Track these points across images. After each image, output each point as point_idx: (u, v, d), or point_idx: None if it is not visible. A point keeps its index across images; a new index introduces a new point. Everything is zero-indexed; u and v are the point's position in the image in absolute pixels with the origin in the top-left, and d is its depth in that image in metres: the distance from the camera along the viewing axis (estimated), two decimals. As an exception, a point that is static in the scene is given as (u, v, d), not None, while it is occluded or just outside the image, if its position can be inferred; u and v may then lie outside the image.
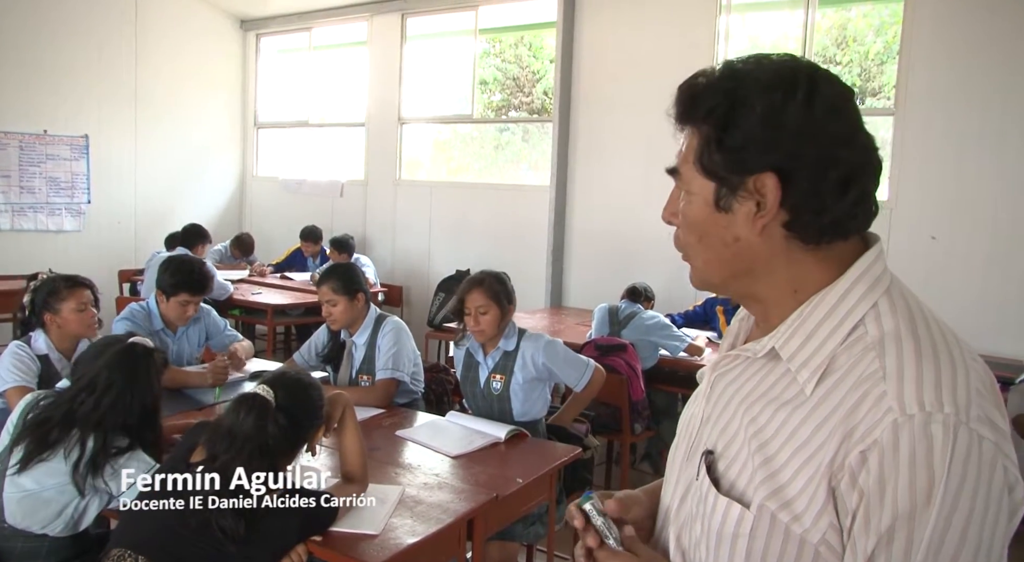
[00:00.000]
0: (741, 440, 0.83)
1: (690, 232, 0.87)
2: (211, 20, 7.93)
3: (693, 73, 0.87)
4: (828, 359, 0.79)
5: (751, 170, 0.81)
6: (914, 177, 4.61)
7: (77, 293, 2.79)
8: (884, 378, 0.74)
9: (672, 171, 0.89)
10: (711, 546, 0.84)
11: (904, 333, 0.77)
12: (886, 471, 0.71)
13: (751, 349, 0.87)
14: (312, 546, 1.85)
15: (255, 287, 6.15)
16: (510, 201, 6.42)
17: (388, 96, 7.17)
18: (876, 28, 5.13)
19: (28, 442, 2.00)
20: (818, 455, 0.76)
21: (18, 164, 6.55)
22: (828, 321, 0.81)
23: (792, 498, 0.77)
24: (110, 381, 2.06)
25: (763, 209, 0.82)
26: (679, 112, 0.86)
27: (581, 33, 5.96)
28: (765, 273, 0.85)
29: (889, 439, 0.71)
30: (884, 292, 0.81)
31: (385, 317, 3.15)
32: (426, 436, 2.59)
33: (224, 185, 8.26)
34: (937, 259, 4.53)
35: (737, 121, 0.81)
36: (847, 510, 0.74)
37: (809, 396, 0.79)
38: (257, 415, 1.80)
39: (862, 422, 0.74)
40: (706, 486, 0.85)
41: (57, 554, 2.03)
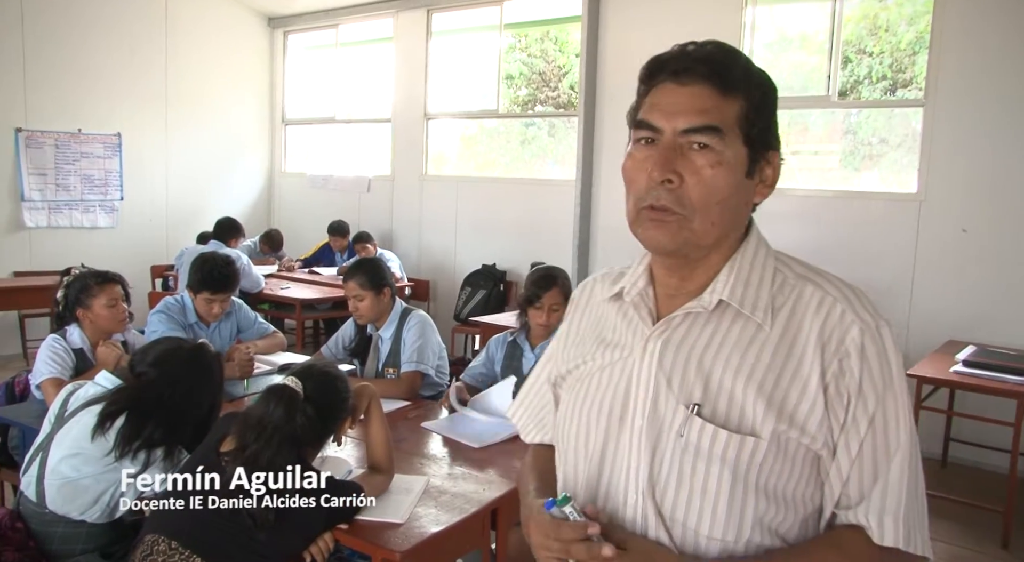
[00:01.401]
0: (725, 383, 0.92)
1: (709, 193, 0.91)
2: (240, 18, 8.03)
3: (706, 41, 0.94)
4: (770, 299, 0.95)
5: (773, 146, 0.96)
6: (944, 169, 4.55)
7: (107, 289, 2.86)
8: (836, 301, 0.93)
9: (708, 129, 0.91)
10: (723, 489, 0.90)
11: (816, 271, 0.98)
12: (864, 369, 0.91)
13: (696, 306, 0.96)
14: (338, 533, 1.89)
15: (284, 282, 6.24)
16: (536, 196, 6.43)
17: (414, 92, 7.21)
18: (909, 18, 5.05)
19: (124, 432, 2.03)
20: (802, 371, 0.91)
21: (54, 162, 6.70)
22: (755, 271, 0.96)
23: (795, 413, 0.90)
24: (186, 379, 2.13)
25: (766, 181, 0.97)
26: (720, 75, 0.92)
27: (606, 27, 5.95)
28: (734, 235, 0.98)
29: (859, 342, 0.91)
30: (772, 248, 1.00)
31: (411, 311, 3.19)
32: (451, 428, 2.62)
33: (252, 181, 8.38)
34: (969, 252, 4.47)
35: (771, 99, 0.95)
36: (839, 412, 0.91)
37: (769, 331, 0.93)
38: (286, 406, 1.84)
39: (834, 335, 0.91)
40: (709, 433, 0.91)
41: (95, 539, 2.09)
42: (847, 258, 4.86)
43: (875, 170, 5.16)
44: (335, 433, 2.05)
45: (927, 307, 4.60)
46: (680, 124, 0.91)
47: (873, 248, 4.79)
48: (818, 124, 5.40)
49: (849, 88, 5.17)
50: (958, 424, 4.40)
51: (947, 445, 4.45)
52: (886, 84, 5.09)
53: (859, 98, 5.14)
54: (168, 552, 1.73)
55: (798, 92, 5.28)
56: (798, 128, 5.47)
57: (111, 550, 2.09)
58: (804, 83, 5.29)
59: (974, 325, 4.41)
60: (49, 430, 2.18)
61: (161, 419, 2.07)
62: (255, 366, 3.18)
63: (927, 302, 4.61)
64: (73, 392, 2.25)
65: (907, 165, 4.85)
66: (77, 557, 2.05)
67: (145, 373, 2.15)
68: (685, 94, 0.92)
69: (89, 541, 2.07)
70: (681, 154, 0.91)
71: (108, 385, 2.21)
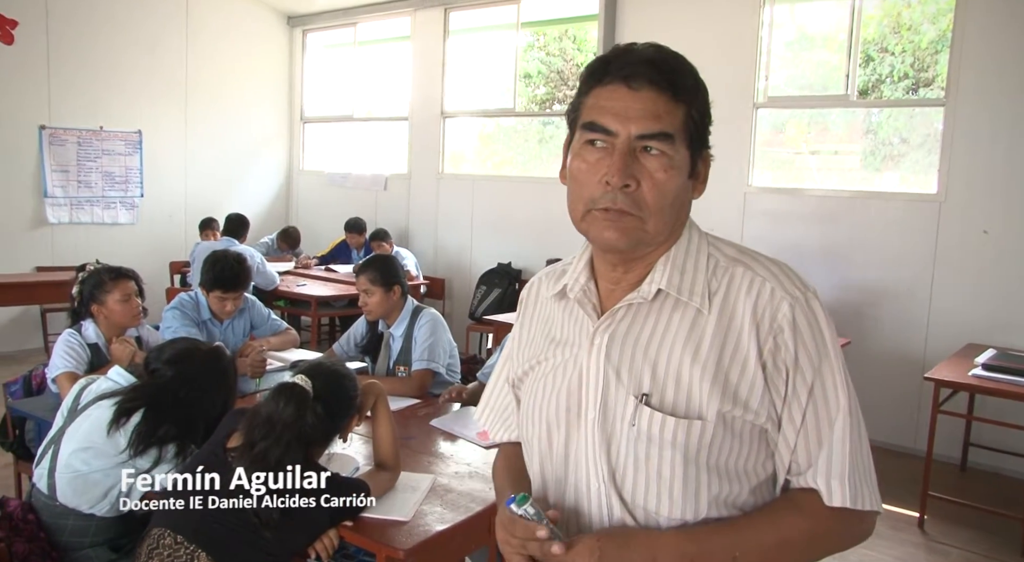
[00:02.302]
0: (671, 369, 0.96)
1: (663, 196, 0.96)
2: (259, 17, 8.09)
3: (647, 44, 0.98)
4: (706, 284, 0.99)
5: (706, 144, 1.01)
6: (965, 170, 4.48)
7: (121, 284, 2.88)
8: (765, 280, 0.97)
9: (662, 135, 0.95)
10: (676, 472, 0.95)
11: (745, 252, 1.02)
12: (798, 342, 0.95)
13: (636, 297, 1.00)
14: (343, 531, 1.89)
15: (300, 279, 6.27)
16: (551, 194, 6.40)
17: (431, 90, 7.23)
18: (931, 16, 4.98)
19: (139, 430, 2.06)
20: (740, 351, 0.95)
21: (76, 159, 6.78)
22: (690, 259, 1.01)
23: (738, 392, 0.95)
24: (203, 380, 2.16)
25: (701, 178, 1.02)
26: (671, 82, 0.95)
27: (624, 25, 5.92)
28: (676, 230, 1.02)
29: (790, 317, 0.95)
30: (706, 234, 1.05)
31: (422, 309, 3.19)
32: (459, 426, 2.62)
33: (271, 179, 8.44)
34: (989, 254, 4.40)
35: (707, 102, 0.99)
36: (779, 387, 0.96)
37: (708, 314, 0.97)
38: (296, 405, 1.85)
39: (766, 313, 0.96)
40: (658, 421, 0.96)
41: (104, 532, 2.11)
42: (865, 259, 4.81)
43: (896, 170, 5.09)
44: (342, 431, 2.05)
45: (946, 310, 4.53)
46: (635, 129, 0.94)
47: (892, 249, 4.73)
48: (838, 124, 5.34)
49: (871, 87, 5.11)
50: (978, 429, 4.33)
51: (966, 450, 4.39)
52: (908, 83, 5.03)
53: (880, 97, 5.07)
54: (174, 546, 1.74)
55: (818, 91, 5.22)
56: (818, 128, 5.42)
57: (120, 543, 2.12)
58: (824, 82, 5.23)
59: (994, 328, 4.34)
60: (62, 424, 2.20)
61: (176, 418, 2.09)
62: (267, 363, 3.20)
63: (946, 304, 4.54)
64: (86, 386, 2.28)
65: (928, 165, 4.78)
66: (86, 550, 2.08)
67: (159, 371, 2.17)
68: (638, 99, 0.94)
69: (98, 534, 2.10)
70: (635, 158, 0.95)
71: (121, 381, 2.23)
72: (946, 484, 3.98)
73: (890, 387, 4.57)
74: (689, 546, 0.93)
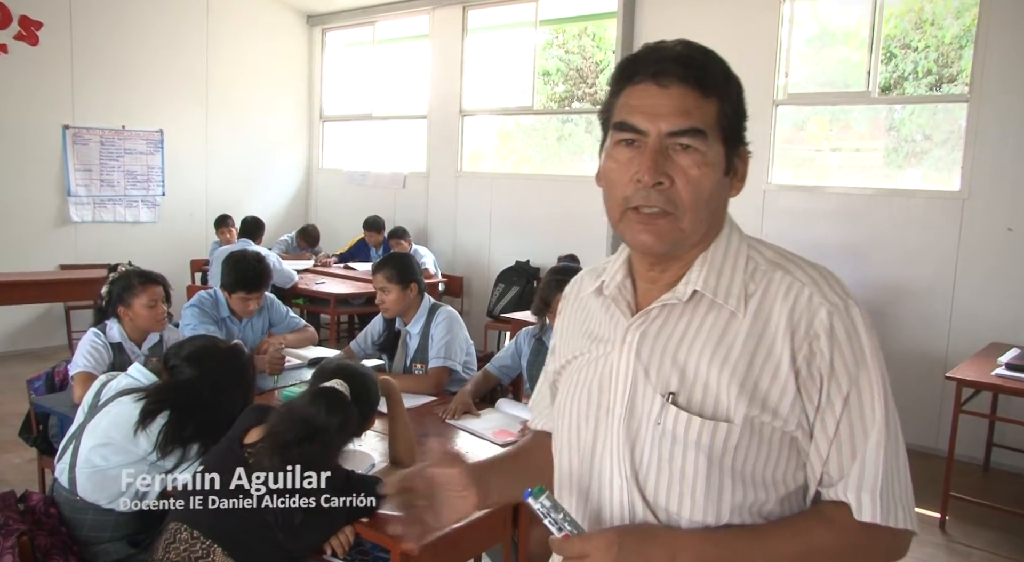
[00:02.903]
0: (700, 371, 0.95)
1: (698, 193, 0.94)
2: (279, 16, 8.14)
3: (676, 41, 0.97)
4: (743, 287, 0.97)
5: (743, 141, 0.99)
6: (989, 166, 4.41)
7: (149, 290, 2.91)
8: (804, 285, 0.95)
9: (692, 131, 0.93)
10: (699, 474, 0.93)
11: (786, 256, 1.00)
12: (834, 350, 0.93)
13: (671, 298, 0.99)
14: (359, 527, 1.90)
15: (319, 277, 6.31)
16: (570, 192, 6.40)
17: (450, 88, 7.24)
18: (955, 11, 4.91)
19: (167, 432, 2.09)
20: (773, 356, 0.93)
21: (99, 158, 6.86)
22: (728, 260, 0.99)
23: (768, 398, 0.92)
24: (224, 380, 2.19)
25: (739, 175, 1.00)
26: (700, 78, 0.94)
27: (642, 22, 5.89)
28: (712, 229, 1.00)
29: (828, 324, 0.93)
30: (746, 236, 1.03)
31: (439, 307, 3.20)
32: (475, 423, 2.63)
33: (291, 177, 8.49)
34: (1014, 252, 4.33)
35: (740, 96, 0.98)
36: (812, 395, 0.93)
37: (743, 316, 0.95)
38: (339, 409, 1.87)
39: (802, 319, 0.93)
40: (683, 421, 0.94)
41: (123, 528, 2.14)
42: (887, 257, 4.75)
43: (919, 167, 5.02)
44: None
45: (969, 308, 4.47)
46: (665, 126, 0.93)
47: (914, 247, 4.67)
48: (860, 121, 5.28)
49: (893, 83, 5.05)
50: (1001, 429, 4.28)
51: (989, 450, 4.33)
52: (931, 79, 4.96)
53: (903, 93, 5.01)
54: (190, 541, 1.76)
55: (839, 88, 5.17)
56: (840, 125, 5.36)
57: (139, 538, 2.14)
58: (846, 79, 5.17)
59: (1018, 327, 4.28)
60: (82, 419, 2.23)
61: (200, 419, 2.12)
62: (286, 360, 3.23)
63: (969, 303, 4.48)
64: (107, 383, 2.31)
65: (951, 162, 4.72)
66: (105, 544, 2.11)
67: (179, 367, 2.19)
68: (667, 96, 0.94)
69: (118, 529, 2.12)
70: (667, 156, 0.94)
71: (141, 378, 2.25)
72: (968, 485, 3.93)
73: (912, 386, 4.52)
74: (710, 548, 0.92)
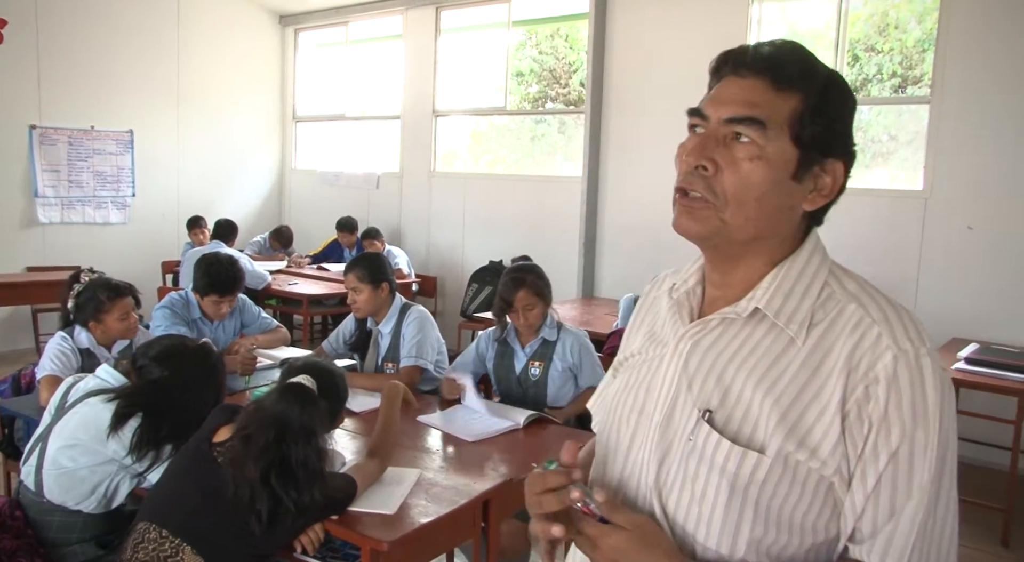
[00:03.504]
0: (744, 393, 0.89)
1: (744, 187, 0.89)
2: (251, 16, 8.09)
3: (785, 40, 0.92)
4: (810, 313, 0.90)
5: (833, 153, 0.91)
6: (950, 166, 4.52)
7: (119, 304, 2.87)
8: (875, 323, 0.87)
9: (750, 120, 0.88)
10: (720, 500, 0.87)
11: (868, 289, 0.92)
12: (892, 398, 0.84)
13: (731, 312, 0.94)
14: (329, 524, 1.91)
15: (292, 278, 6.29)
16: (543, 192, 6.44)
17: (423, 89, 7.24)
18: (918, 15, 5.02)
19: (140, 435, 2.08)
20: (824, 393, 0.86)
21: (67, 159, 6.78)
22: (800, 282, 0.92)
23: (808, 435, 0.85)
24: (195, 380, 2.19)
25: (822, 190, 0.92)
26: (774, 70, 0.89)
27: (613, 24, 5.94)
28: (779, 240, 0.94)
29: (892, 370, 0.84)
30: (831, 261, 0.96)
31: (410, 306, 3.22)
32: (445, 422, 2.65)
33: (263, 178, 8.44)
34: (974, 249, 4.44)
35: (837, 104, 0.91)
36: (857, 440, 0.85)
37: (802, 345, 0.89)
38: (305, 404, 1.87)
39: (864, 359, 0.85)
40: (713, 441, 0.89)
41: (91, 529, 2.13)
42: (854, 256, 4.79)
43: (885, 167, 5.13)
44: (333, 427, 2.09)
45: (931, 304, 4.57)
46: (724, 113, 0.90)
47: (878, 245, 4.77)
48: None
49: (859, 85, 5.14)
50: (962, 422, 4.36)
51: (952, 444, 4.42)
52: (896, 81, 5.06)
53: (868, 95, 5.11)
54: (159, 540, 1.76)
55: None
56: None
57: (107, 539, 2.14)
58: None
59: (978, 323, 4.39)
60: (49, 421, 2.22)
61: (173, 420, 2.12)
62: (257, 361, 3.22)
63: (931, 299, 4.58)
64: (74, 384, 2.29)
65: (916, 163, 4.82)
66: (73, 546, 2.10)
67: (147, 368, 2.18)
68: (739, 86, 0.91)
69: (86, 530, 2.12)
70: (724, 144, 0.90)
71: (110, 379, 2.25)
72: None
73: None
74: None
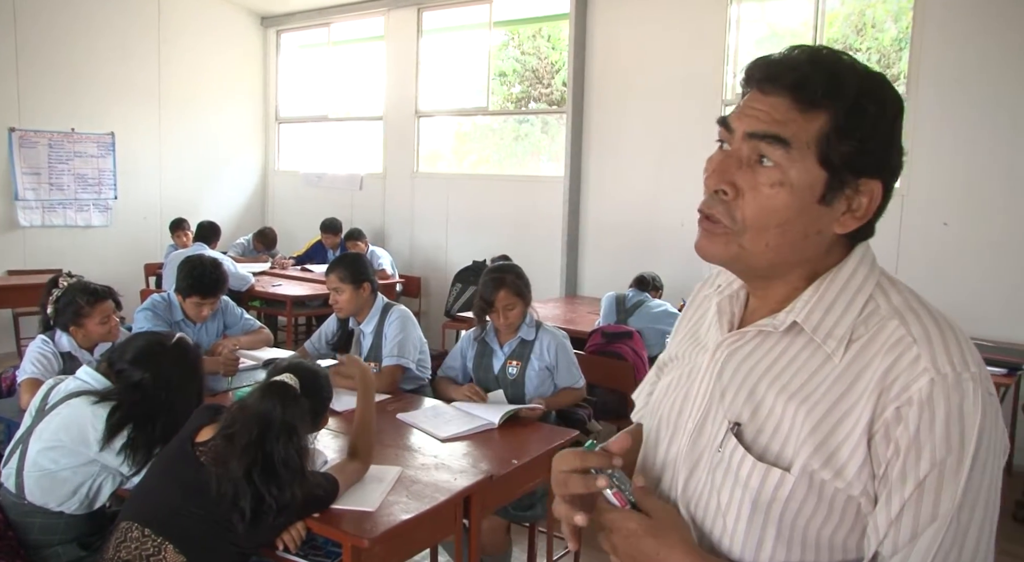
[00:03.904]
0: (775, 408, 0.86)
1: (764, 215, 0.84)
2: (232, 17, 8.07)
3: (814, 47, 0.86)
4: (850, 329, 0.85)
5: (868, 172, 0.84)
6: (926, 163, 4.59)
7: (99, 307, 2.85)
8: (915, 342, 0.81)
9: (772, 138, 0.83)
10: (743, 514, 0.86)
11: (915, 305, 0.86)
12: (923, 424, 0.78)
13: (768, 324, 0.90)
14: (310, 522, 1.93)
15: (275, 279, 6.29)
16: (526, 192, 6.47)
17: (405, 90, 7.26)
18: (894, 14, 5.09)
19: (134, 443, 2.10)
20: (854, 413, 0.81)
21: (48, 161, 6.74)
22: (843, 296, 0.87)
23: (835, 455, 0.82)
24: (177, 379, 2.20)
25: (856, 211, 0.85)
26: (798, 84, 0.82)
27: (594, 24, 5.98)
28: (808, 261, 0.88)
29: (926, 395, 0.78)
30: (880, 273, 0.89)
31: (392, 306, 3.23)
32: (424, 420, 2.67)
33: (247, 179, 8.42)
34: (949, 245, 4.51)
35: (874, 118, 0.82)
36: (881, 461, 0.80)
37: (839, 362, 0.84)
38: (287, 402, 1.88)
39: (898, 381, 0.80)
40: (739, 455, 0.87)
41: (74, 530, 2.13)
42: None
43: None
44: (318, 427, 2.10)
45: (909, 300, 4.63)
46: (747, 126, 0.85)
47: (857, 242, 4.82)
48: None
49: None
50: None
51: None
52: (873, 80, 5.12)
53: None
54: (141, 539, 1.78)
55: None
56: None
57: (89, 540, 2.14)
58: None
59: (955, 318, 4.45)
60: (30, 423, 2.22)
61: (162, 421, 2.13)
62: (240, 362, 3.23)
63: (909, 295, 4.64)
64: (54, 386, 2.29)
65: (893, 160, 4.88)
66: (55, 547, 2.10)
67: (127, 372, 2.18)
68: (763, 103, 0.85)
69: (68, 532, 2.12)
70: (747, 166, 0.85)
71: (91, 380, 2.25)
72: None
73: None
74: None
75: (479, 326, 3.06)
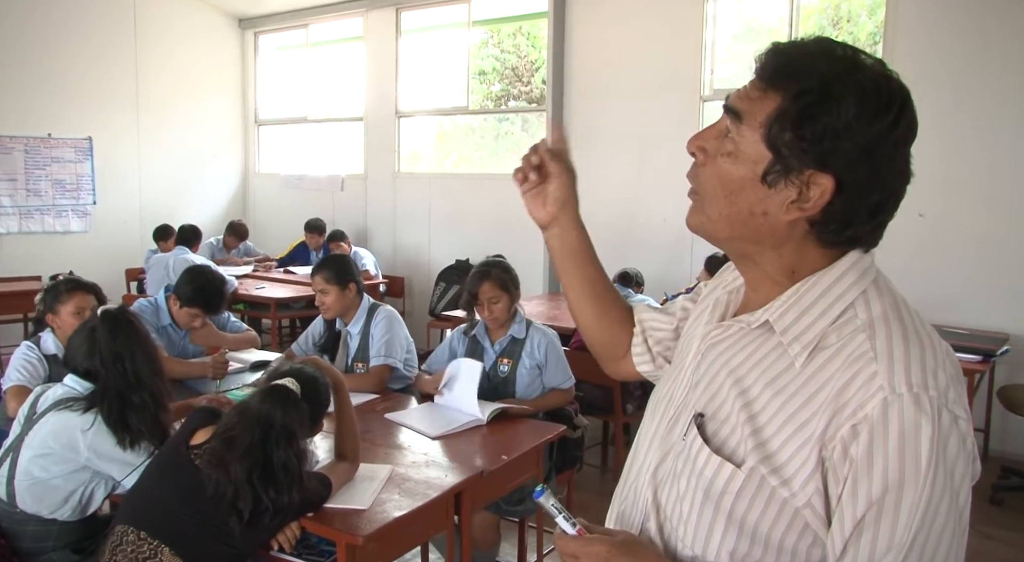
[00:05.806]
0: (730, 406, 0.87)
1: (719, 183, 0.87)
2: (210, 20, 8.03)
3: (815, 38, 0.85)
4: (819, 336, 0.83)
5: (814, 164, 0.82)
6: (901, 155, 4.66)
7: (77, 297, 2.81)
8: (875, 358, 0.79)
9: (732, 111, 0.86)
10: (696, 503, 0.87)
11: (891, 317, 0.83)
12: (876, 444, 0.76)
13: (745, 320, 0.91)
14: (304, 521, 1.95)
15: (259, 281, 6.27)
16: (508, 190, 6.39)
17: (385, 90, 7.26)
18: (869, 8, 5.17)
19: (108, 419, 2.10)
20: (809, 426, 0.80)
21: (24, 167, 6.68)
22: (821, 301, 0.85)
23: (781, 464, 0.81)
24: (120, 343, 2.17)
25: (804, 202, 0.83)
26: (770, 70, 0.84)
27: (572, 22, 6.02)
28: (772, 248, 0.88)
29: (879, 415, 0.76)
30: (872, 282, 0.87)
31: (378, 306, 3.25)
32: (412, 418, 2.70)
33: (227, 182, 8.38)
34: (924, 236, 4.59)
35: (824, 113, 0.80)
36: (839, 478, 0.78)
37: (799, 370, 0.83)
38: (289, 406, 1.90)
39: (853, 398, 0.78)
40: (697, 445, 0.88)
41: (67, 537, 2.14)
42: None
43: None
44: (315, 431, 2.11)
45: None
46: (728, 101, 0.88)
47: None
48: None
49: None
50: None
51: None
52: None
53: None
54: (137, 542, 1.79)
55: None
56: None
57: (83, 546, 2.14)
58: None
59: (928, 307, 4.53)
60: (19, 432, 2.21)
61: (140, 394, 2.12)
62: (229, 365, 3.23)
63: (887, 285, 4.72)
64: (42, 394, 2.29)
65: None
66: (49, 554, 2.10)
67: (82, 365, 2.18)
68: (750, 82, 0.87)
69: (61, 538, 2.12)
70: (720, 136, 0.88)
71: (78, 387, 2.24)
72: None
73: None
74: None
75: (468, 321, 3.09)
